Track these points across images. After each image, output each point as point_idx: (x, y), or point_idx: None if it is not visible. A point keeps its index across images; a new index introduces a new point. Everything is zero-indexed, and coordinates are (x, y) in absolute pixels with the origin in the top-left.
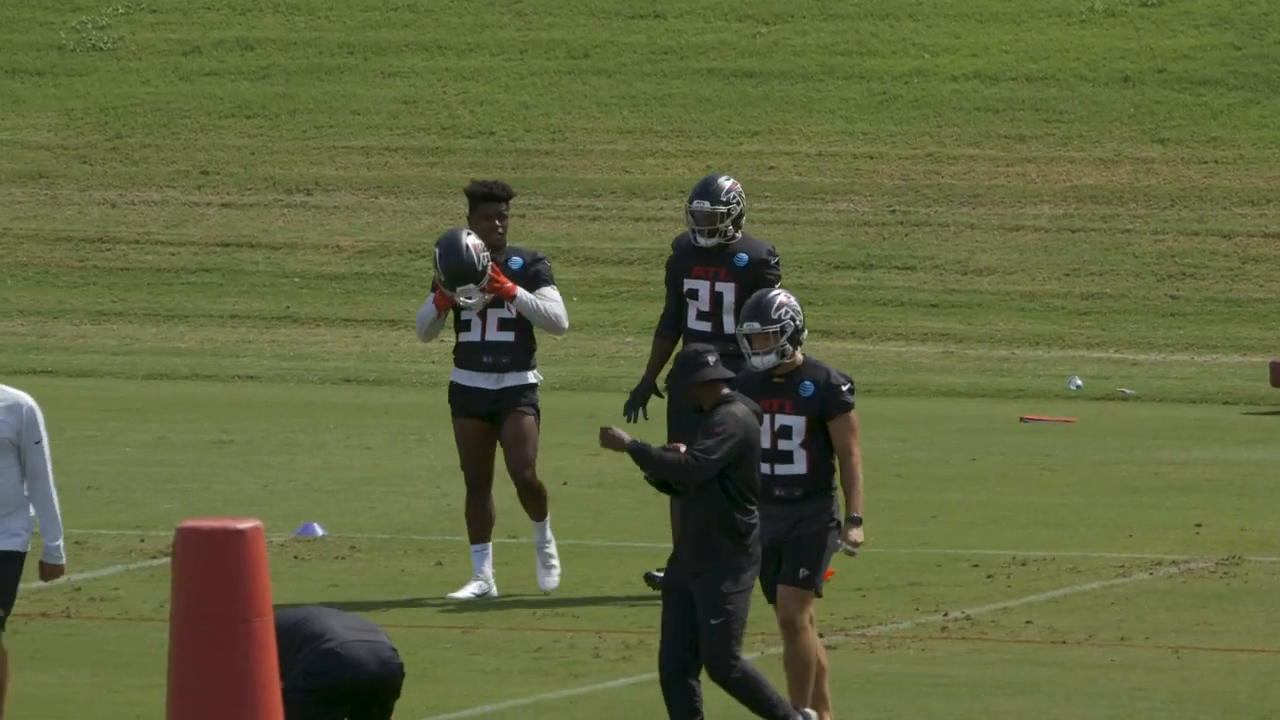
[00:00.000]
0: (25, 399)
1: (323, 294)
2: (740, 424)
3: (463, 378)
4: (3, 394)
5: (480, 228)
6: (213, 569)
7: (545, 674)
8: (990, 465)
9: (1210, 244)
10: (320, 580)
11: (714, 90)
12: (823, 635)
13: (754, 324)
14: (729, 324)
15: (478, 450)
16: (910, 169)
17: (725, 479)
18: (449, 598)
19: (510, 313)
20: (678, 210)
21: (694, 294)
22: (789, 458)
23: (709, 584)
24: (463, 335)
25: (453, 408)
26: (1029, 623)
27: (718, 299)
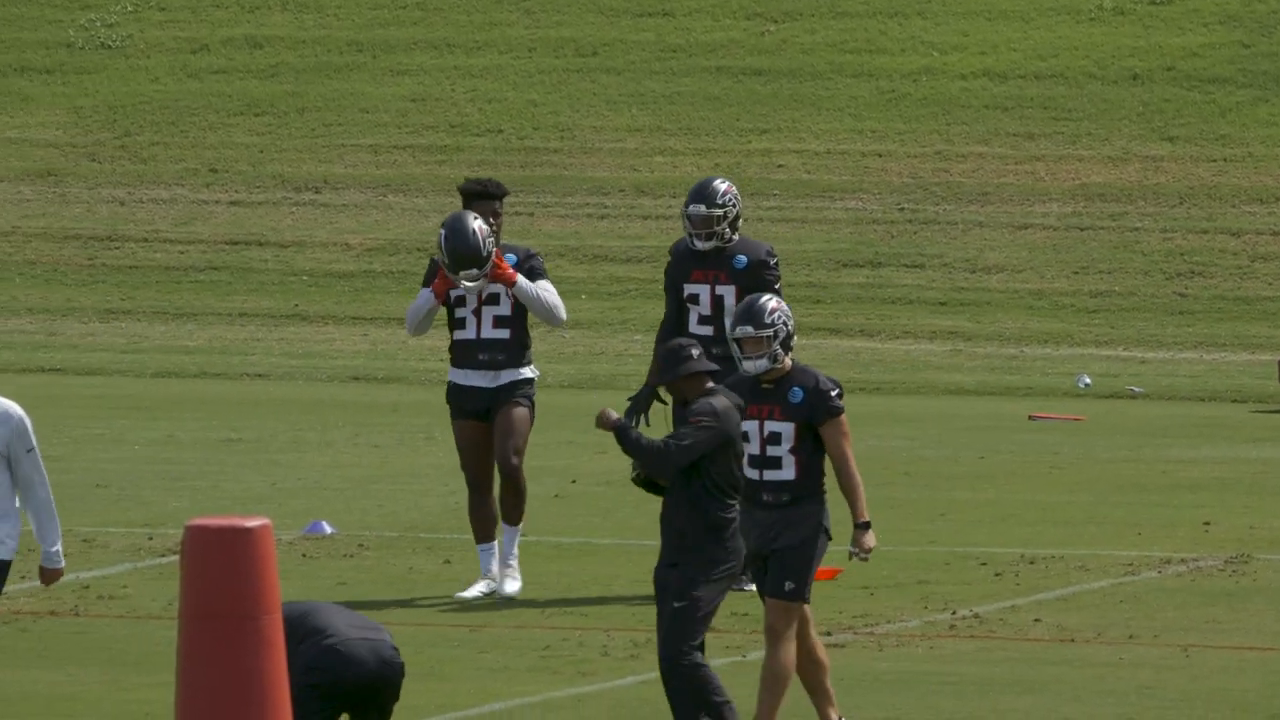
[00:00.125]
0: (14, 409)
1: (331, 292)
2: (719, 416)
3: (459, 377)
4: None
5: None
6: (221, 567)
7: (553, 672)
8: (999, 463)
9: (1219, 242)
10: (328, 578)
11: (722, 88)
12: (830, 634)
13: (747, 328)
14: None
15: (476, 451)
16: (919, 167)
17: (703, 472)
18: (456, 597)
19: (505, 310)
20: None
21: (694, 299)
22: (777, 463)
23: (681, 573)
24: (457, 334)
25: (451, 409)
26: (1037, 621)
27: (718, 302)
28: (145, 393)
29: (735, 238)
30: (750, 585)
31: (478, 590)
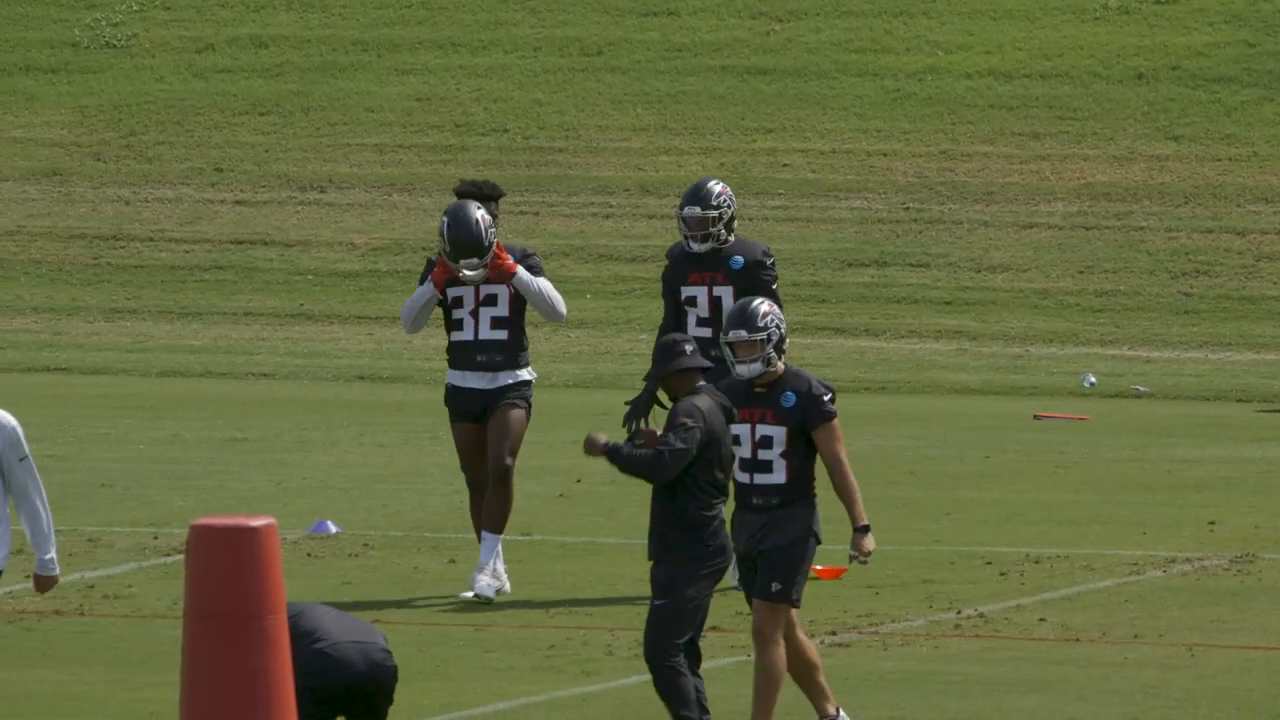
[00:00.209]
0: (7, 418)
1: (336, 291)
2: (704, 416)
3: (457, 379)
4: None
5: None
6: (226, 566)
7: (558, 672)
8: (1004, 463)
9: (1224, 241)
10: (333, 578)
11: (727, 87)
12: (835, 633)
13: (740, 331)
14: None
15: (475, 453)
16: (924, 166)
17: (686, 472)
18: (461, 596)
19: (503, 311)
20: None
21: (692, 301)
22: (769, 467)
23: (662, 570)
24: (455, 335)
25: (449, 411)
26: (1042, 620)
27: (716, 303)
28: (150, 392)
29: (731, 239)
30: (733, 583)
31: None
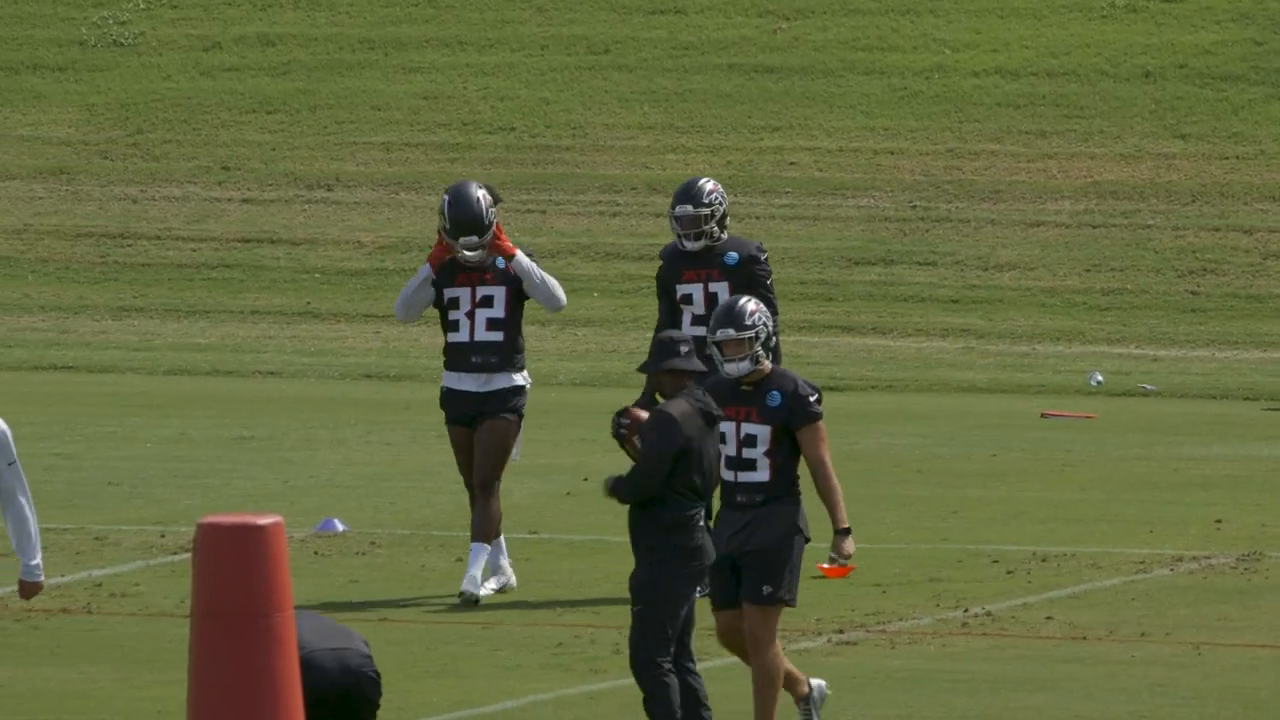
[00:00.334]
0: None
1: (343, 290)
2: (674, 422)
3: (452, 381)
4: None
5: None
6: (233, 564)
7: (566, 670)
8: (1011, 461)
9: (1231, 240)
10: (340, 576)
11: (734, 86)
12: (842, 631)
13: (728, 330)
14: None
15: (468, 456)
16: (931, 165)
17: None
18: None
19: (499, 313)
20: None
21: (688, 299)
22: (753, 465)
23: (638, 573)
24: (451, 336)
25: (445, 414)
26: (1049, 618)
27: (712, 300)
28: (157, 390)
29: (724, 236)
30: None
31: (490, 587)
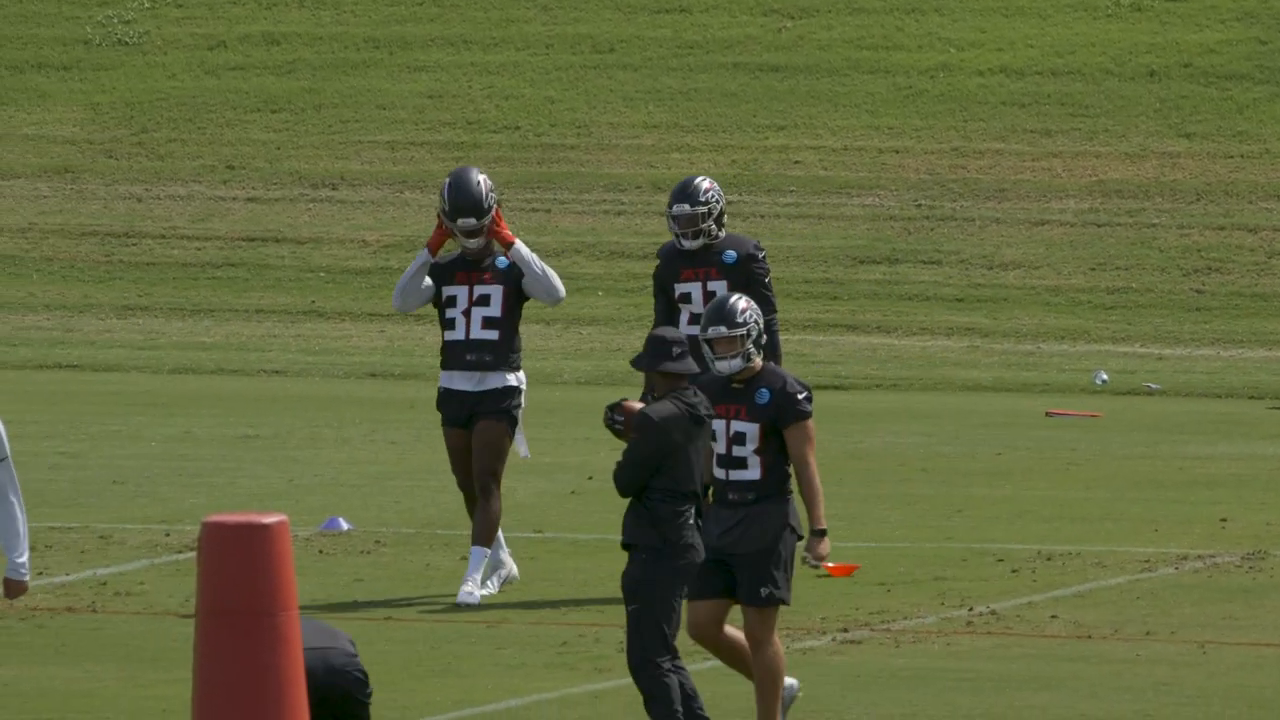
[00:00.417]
0: None
1: (348, 288)
2: (656, 427)
3: (446, 380)
4: None
5: None
6: (238, 563)
7: (570, 668)
8: (1015, 460)
9: (1236, 238)
10: (345, 575)
11: (739, 85)
12: (846, 630)
13: (720, 328)
14: None
15: (464, 458)
16: (936, 163)
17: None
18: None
19: (496, 311)
20: None
21: (687, 297)
22: (743, 463)
23: (630, 571)
24: (447, 334)
25: (441, 417)
26: (1054, 617)
27: (711, 299)
28: (162, 389)
29: (722, 234)
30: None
31: (492, 587)
